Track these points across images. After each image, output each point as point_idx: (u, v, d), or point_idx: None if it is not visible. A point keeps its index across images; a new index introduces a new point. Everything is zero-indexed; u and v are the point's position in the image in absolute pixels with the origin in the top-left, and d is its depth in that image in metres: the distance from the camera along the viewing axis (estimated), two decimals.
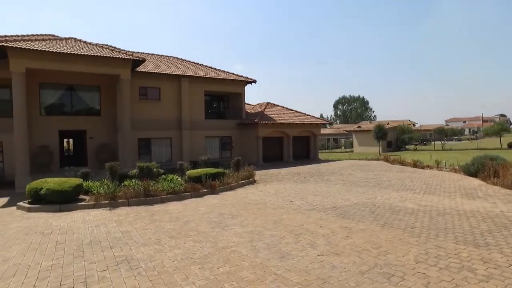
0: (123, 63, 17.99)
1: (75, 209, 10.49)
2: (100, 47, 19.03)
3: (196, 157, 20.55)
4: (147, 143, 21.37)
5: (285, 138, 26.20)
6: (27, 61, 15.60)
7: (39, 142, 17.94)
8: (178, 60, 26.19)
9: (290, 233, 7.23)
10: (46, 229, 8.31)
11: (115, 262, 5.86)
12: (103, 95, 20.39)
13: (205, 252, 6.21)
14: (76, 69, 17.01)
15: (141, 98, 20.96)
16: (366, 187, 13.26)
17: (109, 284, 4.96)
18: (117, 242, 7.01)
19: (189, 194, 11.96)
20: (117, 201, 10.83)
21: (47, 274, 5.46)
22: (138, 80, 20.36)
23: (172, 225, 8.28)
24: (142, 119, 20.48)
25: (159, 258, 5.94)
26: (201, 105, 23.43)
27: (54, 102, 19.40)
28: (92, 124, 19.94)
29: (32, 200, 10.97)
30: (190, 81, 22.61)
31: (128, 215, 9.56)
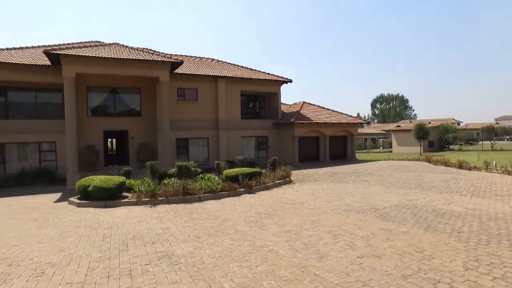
0: (162, 66, 18.62)
1: (119, 206, 11.02)
2: (141, 51, 19.83)
3: (232, 157, 20.82)
4: (185, 142, 21.98)
5: (321, 138, 25.84)
6: (77, 67, 16.63)
7: (86, 142, 19.06)
8: (215, 62, 26.68)
9: (328, 234, 7.13)
10: (94, 223, 8.81)
11: (157, 257, 6.08)
12: (143, 97, 21.24)
13: (243, 250, 6.28)
14: (119, 72, 17.88)
15: (179, 99, 21.58)
16: (407, 188, 12.75)
17: (152, 278, 5.16)
18: (158, 238, 7.28)
19: (226, 193, 12.16)
20: (157, 199, 11.24)
21: (96, 265, 5.80)
22: (176, 82, 20.98)
23: (210, 223, 8.45)
24: (180, 120, 21.08)
25: (198, 255, 6.10)
26: (237, 105, 23.71)
27: (99, 104, 20.51)
28: (133, 125, 20.85)
29: (81, 196, 11.68)
30: (227, 81, 22.95)
31: (168, 212, 9.89)
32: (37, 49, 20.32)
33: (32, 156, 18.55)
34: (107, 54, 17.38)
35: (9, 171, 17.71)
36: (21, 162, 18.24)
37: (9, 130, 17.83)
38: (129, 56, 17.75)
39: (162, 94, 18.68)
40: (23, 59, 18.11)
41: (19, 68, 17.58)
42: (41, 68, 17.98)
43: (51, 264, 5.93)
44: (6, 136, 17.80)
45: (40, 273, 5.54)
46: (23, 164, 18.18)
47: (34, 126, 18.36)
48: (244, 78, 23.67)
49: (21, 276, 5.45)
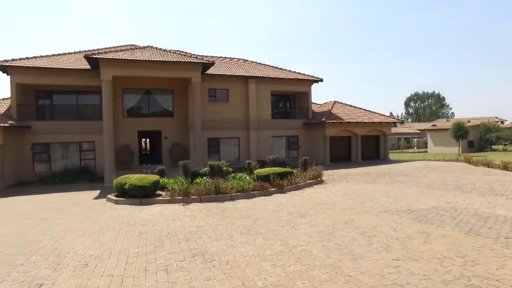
0: (194, 67, 19.01)
1: (153, 203, 11.38)
2: (174, 53, 20.35)
3: (263, 157, 20.89)
4: (216, 142, 22.30)
5: (353, 138, 25.31)
6: (114, 70, 17.35)
7: (122, 141, 19.83)
8: (245, 62, 26.86)
9: (362, 235, 6.98)
10: (130, 220, 9.16)
11: (191, 254, 6.23)
12: (176, 98, 21.79)
13: (275, 249, 6.29)
14: (153, 74, 18.45)
15: (210, 100, 21.93)
16: (445, 190, 12.21)
17: (187, 274, 5.29)
18: (191, 235, 7.44)
19: (258, 192, 12.21)
20: (190, 197, 11.49)
21: (134, 259, 6.03)
22: (208, 83, 21.32)
23: (243, 222, 8.53)
24: (211, 120, 21.42)
25: (231, 253, 6.17)
26: (267, 105, 23.74)
27: (134, 105, 21.27)
28: (166, 125, 21.44)
29: (118, 194, 12.18)
30: (257, 81, 23.05)
31: (201, 211, 10.08)
32: (77, 54, 21.40)
33: (73, 155, 19.56)
34: (141, 57, 17.99)
35: (54, 169, 18.80)
36: (64, 161, 19.30)
37: (54, 131, 18.92)
38: (162, 58, 18.27)
39: (194, 95, 19.06)
40: (66, 64, 19.18)
41: (62, 73, 18.67)
42: (82, 72, 18.95)
43: (93, 256, 6.24)
44: (51, 136, 18.91)
45: (84, 264, 5.85)
46: (66, 162, 19.22)
47: (75, 126, 19.37)
48: (274, 78, 23.67)
49: (68, 266, 5.80)
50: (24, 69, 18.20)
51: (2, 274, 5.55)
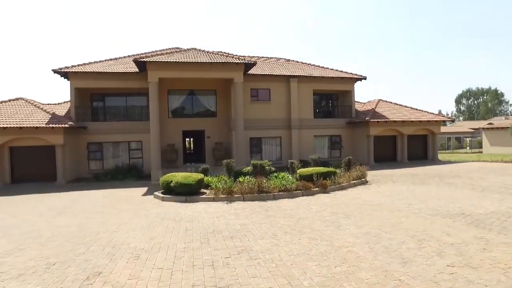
0: (236, 67, 19.29)
1: (198, 201, 11.71)
2: (216, 54, 20.79)
3: (305, 156, 20.72)
4: (258, 142, 22.47)
5: (399, 137, 24.29)
6: (160, 72, 18.12)
7: (167, 141, 20.63)
8: (287, 61, 26.77)
9: (411, 238, 6.67)
10: (177, 216, 9.50)
11: (236, 251, 6.33)
12: (218, 98, 22.26)
13: (320, 249, 6.21)
14: (197, 75, 19.00)
15: (253, 99, 22.13)
16: (505, 193, 11.31)
17: (233, 270, 5.39)
18: (236, 233, 7.56)
19: (301, 192, 12.13)
20: (233, 196, 11.68)
21: (182, 254, 6.25)
22: (250, 83, 21.54)
23: (286, 221, 8.51)
24: (253, 119, 21.60)
25: (276, 252, 6.19)
26: (309, 104, 23.49)
27: (178, 106, 22.04)
28: (209, 125, 21.98)
29: (165, 191, 12.69)
30: (299, 81, 22.88)
31: (244, 209, 10.21)
32: (127, 58, 22.59)
33: (123, 153, 20.71)
34: (186, 58, 18.59)
35: (106, 167, 20.04)
36: (115, 159, 20.50)
37: (106, 131, 20.18)
38: (205, 59, 18.74)
39: (237, 95, 19.35)
40: (116, 68, 20.36)
41: (114, 77, 19.85)
42: (131, 75, 19.99)
43: (144, 250, 6.56)
44: (103, 136, 20.19)
45: (136, 256, 6.18)
46: (116, 160, 20.40)
47: (124, 127, 20.49)
48: (317, 76, 23.35)
49: (122, 257, 6.16)
50: (81, 74, 19.58)
51: (68, 261, 6.06)
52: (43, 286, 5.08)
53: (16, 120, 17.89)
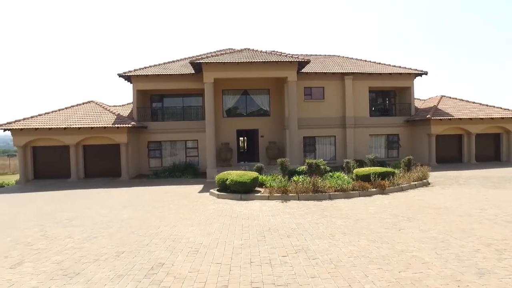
0: (290, 66, 19.17)
1: (253, 199, 11.82)
2: (270, 53, 20.83)
3: (360, 156, 20.00)
4: (312, 141, 22.14)
5: (465, 136, 22.40)
6: (215, 73, 18.64)
7: (222, 140, 21.14)
8: (341, 58, 26.02)
9: (488, 247, 6.07)
10: (233, 213, 9.67)
11: (293, 250, 6.26)
12: (272, 97, 22.31)
13: (382, 252, 5.91)
14: (251, 75, 19.21)
15: (306, 98, 21.85)
16: None
17: (291, 269, 5.33)
18: (292, 232, 7.49)
19: (357, 192, 11.71)
20: (288, 194, 11.62)
21: (239, 251, 6.34)
22: (303, 81, 21.30)
23: (343, 221, 8.26)
24: (307, 118, 21.32)
25: (334, 252, 6.02)
26: (365, 102, 22.61)
27: (232, 106, 22.48)
28: (262, 124, 22.12)
29: (220, 188, 13.01)
30: (354, 78, 22.12)
31: (299, 208, 10.09)
32: (183, 61, 23.56)
33: (180, 152, 21.67)
34: (239, 59, 18.89)
35: (164, 164, 21.11)
36: (172, 157, 21.51)
37: (164, 130, 21.27)
38: (259, 59, 18.88)
39: (290, 94, 19.24)
40: (174, 70, 21.34)
41: (171, 78, 20.84)
42: (187, 76, 20.82)
43: (202, 245, 6.76)
44: (162, 135, 21.30)
45: (195, 251, 6.39)
46: (174, 159, 21.40)
47: (181, 126, 21.41)
48: (373, 73, 22.39)
49: (182, 251, 6.41)
50: (142, 77, 20.84)
51: (134, 251, 6.48)
52: (115, 271, 5.47)
53: (88, 121, 19.56)
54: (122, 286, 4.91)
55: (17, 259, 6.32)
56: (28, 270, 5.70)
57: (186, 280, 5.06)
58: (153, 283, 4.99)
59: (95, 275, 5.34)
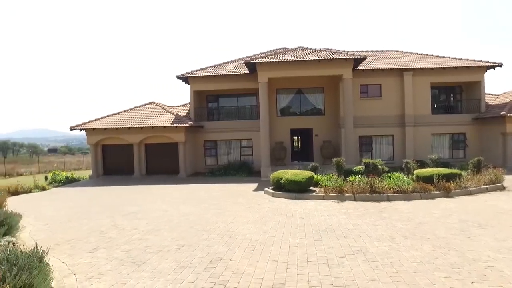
0: (345, 64, 18.66)
1: (307, 199, 11.71)
2: (324, 51, 20.46)
3: (421, 156, 18.85)
4: (368, 140, 21.33)
5: None
6: (269, 72, 18.77)
7: (276, 139, 21.20)
8: (400, 54, 24.71)
9: None
10: (288, 212, 9.67)
11: (351, 251, 6.10)
12: (326, 96, 21.89)
13: (449, 260, 5.51)
14: (305, 73, 19.03)
15: (362, 96, 21.10)
16: None
17: (349, 271, 5.20)
18: (349, 233, 7.30)
19: (418, 194, 11.04)
20: (344, 195, 11.32)
21: (295, 249, 6.33)
22: (359, 79, 20.60)
23: (404, 224, 7.85)
24: (363, 117, 20.57)
25: (395, 256, 5.75)
26: (426, 99, 21.21)
27: (286, 105, 22.45)
28: (317, 123, 21.79)
29: (275, 187, 13.08)
30: (414, 74, 20.86)
31: (356, 209, 9.79)
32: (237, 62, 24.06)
33: (234, 151, 22.17)
34: (293, 58, 18.81)
35: (220, 163, 21.76)
36: (227, 156, 22.09)
37: (220, 130, 21.91)
38: (313, 57, 18.63)
39: (345, 92, 18.73)
40: (229, 71, 21.90)
41: (226, 79, 21.40)
42: (241, 76, 21.21)
43: (258, 242, 6.86)
44: (217, 135, 21.98)
45: (252, 247, 6.51)
46: (229, 157, 21.96)
47: (236, 125, 21.88)
48: (435, 68, 20.92)
49: (239, 247, 6.57)
50: (199, 78, 21.68)
51: (193, 244, 6.79)
52: (177, 263, 5.78)
53: (149, 121, 20.85)
54: (183, 277, 5.17)
55: (94, 245, 6.99)
56: (103, 256, 6.27)
57: (244, 275, 5.18)
58: (212, 276, 5.18)
59: (159, 265, 5.70)
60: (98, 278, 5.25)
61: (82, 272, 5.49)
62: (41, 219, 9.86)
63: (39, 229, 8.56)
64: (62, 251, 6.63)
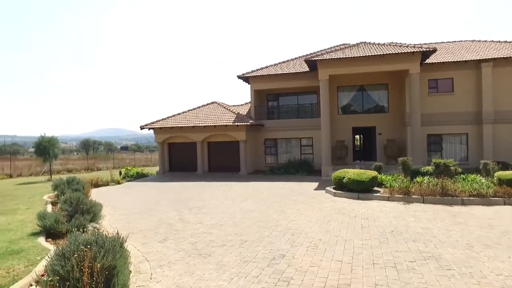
0: (411, 57, 17.52)
1: (371, 199, 11.23)
2: (388, 45, 19.41)
3: (503, 157, 17.10)
4: (438, 139, 19.76)
5: None
6: (330, 70, 18.35)
7: (337, 137, 20.67)
8: (475, 43, 22.47)
9: None
10: (351, 212, 9.38)
11: (421, 256, 5.72)
12: (391, 92, 20.75)
13: None
14: (368, 69, 18.24)
15: (431, 92, 19.61)
16: None
17: (420, 277, 4.88)
18: (419, 237, 6.85)
19: (501, 199, 9.93)
20: (411, 196, 10.66)
21: (360, 250, 6.11)
22: (427, 73, 19.20)
23: (484, 232, 7.13)
24: (431, 114, 19.14)
25: (475, 266, 5.25)
26: (510, 93, 19.02)
27: (347, 103, 21.74)
28: (380, 121, 20.77)
29: (336, 187, 12.77)
30: (494, 65, 18.82)
31: (425, 212, 9.16)
32: (297, 60, 23.90)
33: (294, 149, 22.07)
34: (355, 54, 18.15)
35: (280, 161, 21.83)
36: (287, 154, 22.08)
37: (280, 128, 21.99)
38: (376, 52, 17.79)
39: (412, 88, 17.58)
40: (289, 69, 21.85)
41: (286, 77, 21.42)
42: (301, 74, 21.05)
43: (321, 241, 6.75)
44: (277, 133, 22.08)
45: (314, 246, 6.43)
46: (288, 156, 21.93)
47: (296, 124, 21.78)
48: None
49: (302, 245, 6.53)
50: (259, 78, 21.97)
51: (256, 241, 6.90)
52: (240, 257, 5.93)
53: (212, 120, 21.66)
54: (247, 271, 5.28)
55: (163, 236, 7.47)
56: (172, 246, 6.67)
57: (308, 273, 5.13)
58: (275, 272, 5.22)
59: (223, 258, 5.89)
60: (169, 266, 5.59)
61: (154, 260, 5.90)
62: (118, 209, 10.80)
63: (116, 219, 9.38)
64: (136, 239, 7.18)
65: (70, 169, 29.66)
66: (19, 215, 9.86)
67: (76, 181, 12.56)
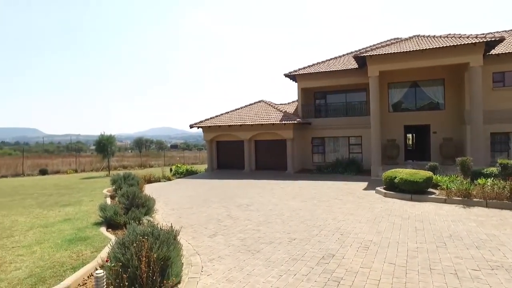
0: (472, 49, 16.21)
1: (425, 201, 10.61)
2: (444, 37, 18.16)
3: None
4: (504, 138, 18.09)
5: None
6: (380, 65, 17.60)
7: (388, 136, 19.79)
8: None
9: None
10: (403, 214, 8.93)
11: (487, 265, 5.28)
12: (447, 87, 19.42)
13: None
14: (422, 64, 17.19)
15: (496, 86, 18.01)
16: None
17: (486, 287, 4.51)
18: (483, 243, 6.33)
19: None
20: (472, 199, 9.88)
21: (414, 254, 5.80)
22: (491, 66, 17.66)
23: None
24: (496, 110, 17.58)
25: None
26: None
27: (399, 100, 20.70)
28: (435, 118, 19.52)
29: (387, 187, 12.23)
30: None
31: (489, 217, 8.44)
32: (345, 57, 23.26)
33: (342, 148, 21.51)
34: (408, 48, 17.21)
35: (327, 160, 21.43)
36: (335, 153, 21.60)
37: (327, 126, 21.56)
38: (431, 45, 16.72)
39: (473, 82, 16.27)
40: (337, 66, 21.33)
41: (334, 75, 20.95)
42: (350, 71, 20.45)
43: (372, 242, 6.51)
44: (325, 131, 21.68)
45: (365, 247, 6.21)
46: (336, 155, 21.44)
47: (344, 122, 21.21)
48: None
49: (352, 245, 6.35)
50: (306, 76, 21.72)
51: (304, 239, 6.84)
52: (289, 255, 5.90)
53: (259, 118, 21.82)
54: (296, 269, 5.25)
55: (213, 231, 7.67)
56: (221, 241, 6.83)
57: (358, 275, 4.98)
58: (325, 271, 5.13)
59: (272, 255, 5.91)
60: (219, 260, 5.73)
61: (205, 254, 6.08)
62: (169, 204, 11.30)
63: (168, 213, 9.82)
64: (187, 233, 7.45)
65: (125, 166, 31.61)
66: (84, 206, 10.72)
67: (132, 177, 13.34)
